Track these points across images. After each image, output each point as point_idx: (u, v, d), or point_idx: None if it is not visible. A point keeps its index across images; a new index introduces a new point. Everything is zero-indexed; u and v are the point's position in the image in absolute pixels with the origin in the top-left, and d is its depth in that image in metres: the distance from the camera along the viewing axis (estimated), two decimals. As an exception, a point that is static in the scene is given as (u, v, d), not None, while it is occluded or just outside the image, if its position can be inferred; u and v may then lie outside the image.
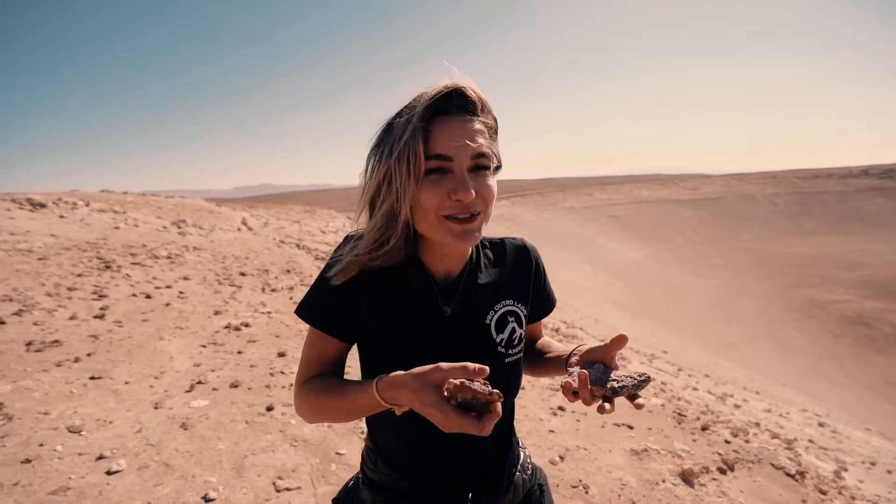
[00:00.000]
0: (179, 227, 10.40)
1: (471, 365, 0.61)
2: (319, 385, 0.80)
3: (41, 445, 2.35)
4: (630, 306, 27.63)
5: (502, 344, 0.85)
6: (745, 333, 26.52)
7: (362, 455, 0.91)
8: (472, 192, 0.71)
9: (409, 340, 0.80)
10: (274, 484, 2.25)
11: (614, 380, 0.70)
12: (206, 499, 2.10)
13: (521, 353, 0.88)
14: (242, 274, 6.83)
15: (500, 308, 0.86)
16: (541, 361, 0.96)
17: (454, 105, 0.73)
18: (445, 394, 0.60)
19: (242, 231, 12.28)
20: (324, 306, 0.82)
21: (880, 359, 24.01)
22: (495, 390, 0.59)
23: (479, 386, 0.59)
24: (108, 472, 2.20)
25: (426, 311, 0.81)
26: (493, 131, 0.78)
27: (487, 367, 0.62)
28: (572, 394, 0.68)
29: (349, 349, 0.86)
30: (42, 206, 9.28)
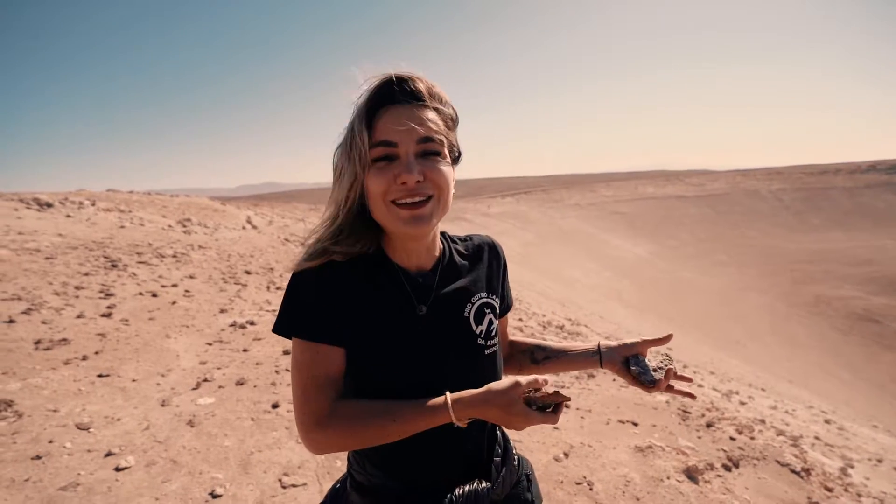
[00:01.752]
0: (184, 226, 10.46)
1: (540, 378, 0.73)
2: (359, 409, 0.75)
3: (51, 442, 2.38)
4: (635, 303, 27.54)
5: (482, 336, 0.86)
6: (751, 330, 26.38)
7: (349, 458, 0.91)
8: (416, 174, 0.72)
9: (386, 341, 0.78)
10: (280, 480, 2.27)
11: (664, 365, 0.89)
12: (212, 495, 2.12)
13: (499, 345, 0.90)
14: (247, 272, 6.86)
15: (476, 300, 0.87)
16: (563, 358, 1.00)
17: (400, 94, 0.75)
18: (521, 397, 0.72)
19: (247, 229, 12.33)
20: (313, 313, 0.76)
21: (888, 355, 23.81)
22: (567, 395, 0.74)
23: (562, 392, 0.74)
24: (117, 469, 2.23)
25: (401, 311, 0.81)
26: (450, 121, 0.80)
27: (549, 378, 0.74)
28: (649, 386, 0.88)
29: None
30: (49, 205, 9.35)
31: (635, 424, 3.29)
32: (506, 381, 0.73)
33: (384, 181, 0.73)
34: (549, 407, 0.73)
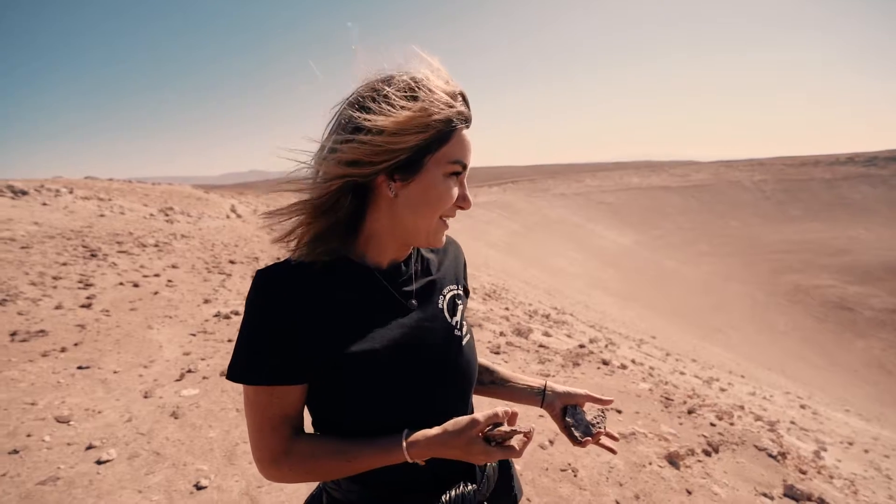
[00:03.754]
0: (167, 215, 10.24)
1: (500, 410, 0.72)
2: (314, 448, 0.72)
3: (29, 436, 2.33)
4: (620, 292, 27.95)
5: (457, 327, 0.84)
6: (733, 319, 27.04)
7: None
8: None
9: (383, 345, 0.74)
10: (266, 471, 2.26)
11: (597, 422, 0.90)
12: (197, 486, 2.11)
13: (472, 336, 0.89)
14: (232, 262, 6.77)
15: (447, 292, 0.86)
16: (508, 387, 0.99)
17: (469, 115, 0.75)
18: (479, 434, 0.71)
19: (231, 218, 12.14)
20: (270, 354, 0.69)
21: (860, 342, 24.68)
22: (532, 425, 0.74)
23: (523, 426, 0.73)
24: (98, 462, 2.19)
25: (390, 309, 0.77)
26: None
27: (517, 410, 0.73)
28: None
29: None
30: (24, 193, 9.06)
31: (619, 412, 3.35)
32: (463, 420, 0.71)
33: (452, 198, 0.74)
34: (508, 439, 0.72)
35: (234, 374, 0.71)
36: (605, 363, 4.67)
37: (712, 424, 3.40)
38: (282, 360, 0.69)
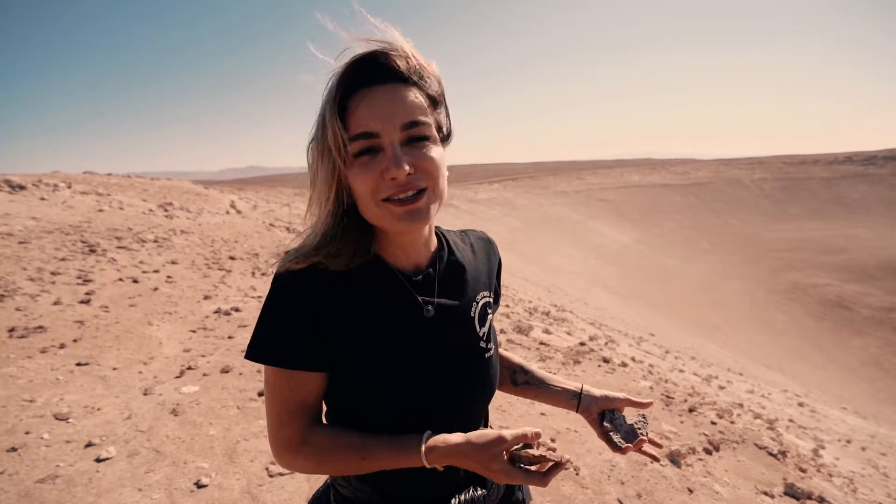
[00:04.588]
0: (166, 210, 10.21)
1: (528, 430, 0.69)
2: (331, 441, 0.71)
3: (27, 433, 2.32)
4: (619, 290, 27.96)
5: (483, 338, 0.81)
6: (731, 316, 27.08)
7: None
8: (406, 167, 0.64)
9: (393, 348, 0.72)
10: (267, 469, 2.25)
11: (639, 427, 0.87)
12: (198, 485, 2.10)
13: (496, 349, 0.85)
14: (232, 258, 6.74)
15: (480, 300, 0.82)
16: (542, 388, 0.97)
17: (375, 74, 0.65)
18: (505, 456, 0.68)
19: (231, 214, 12.11)
20: (291, 337, 0.68)
21: (858, 340, 24.74)
22: (565, 456, 0.69)
23: (551, 454, 0.68)
24: (98, 460, 2.18)
25: (407, 314, 0.74)
26: (435, 98, 0.71)
27: (540, 431, 0.69)
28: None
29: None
30: (21, 187, 9.01)
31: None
32: (490, 434, 0.68)
33: (371, 179, 0.65)
34: (535, 464, 0.69)
35: (253, 353, 0.70)
36: (606, 361, 4.67)
37: (713, 423, 3.40)
38: (302, 346, 0.69)
